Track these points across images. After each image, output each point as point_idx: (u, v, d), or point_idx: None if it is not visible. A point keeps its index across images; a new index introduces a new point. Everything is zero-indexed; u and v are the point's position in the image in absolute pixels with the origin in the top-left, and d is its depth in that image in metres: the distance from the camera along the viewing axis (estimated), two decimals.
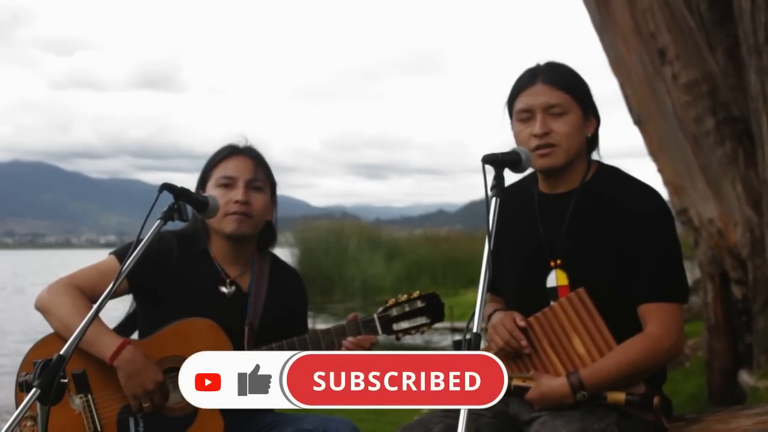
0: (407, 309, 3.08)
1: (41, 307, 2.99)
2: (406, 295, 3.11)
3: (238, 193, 3.10)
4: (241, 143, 3.23)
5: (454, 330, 19.92)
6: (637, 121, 7.38)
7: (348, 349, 3.00)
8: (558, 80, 2.83)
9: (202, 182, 3.20)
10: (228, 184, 3.13)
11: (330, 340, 3.02)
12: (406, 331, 3.08)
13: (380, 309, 3.08)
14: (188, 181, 2.80)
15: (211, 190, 3.13)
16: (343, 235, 31.14)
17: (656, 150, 7.34)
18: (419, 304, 3.09)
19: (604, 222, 2.80)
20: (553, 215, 2.88)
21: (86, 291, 2.98)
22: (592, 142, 2.91)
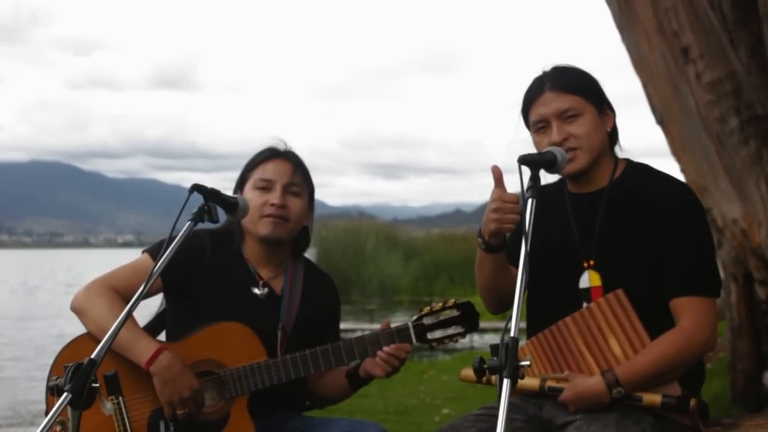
0: (441, 318, 3.04)
1: (77, 309, 2.98)
2: (440, 303, 3.07)
3: (275, 197, 3.09)
4: (281, 146, 3.21)
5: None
6: (660, 121, 7.34)
7: (383, 359, 2.98)
8: (565, 84, 2.82)
9: (241, 183, 3.19)
10: (266, 186, 3.12)
11: (364, 348, 3.00)
12: (440, 341, 3.04)
13: (414, 317, 3.04)
14: (205, 181, 2.77)
15: (249, 192, 3.13)
16: (360, 234, 31.17)
17: (679, 150, 7.29)
18: (454, 312, 3.05)
19: (635, 219, 2.79)
20: (585, 215, 2.87)
21: (122, 291, 2.95)
22: (613, 136, 2.91)
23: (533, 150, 2.79)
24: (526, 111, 2.89)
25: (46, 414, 2.85)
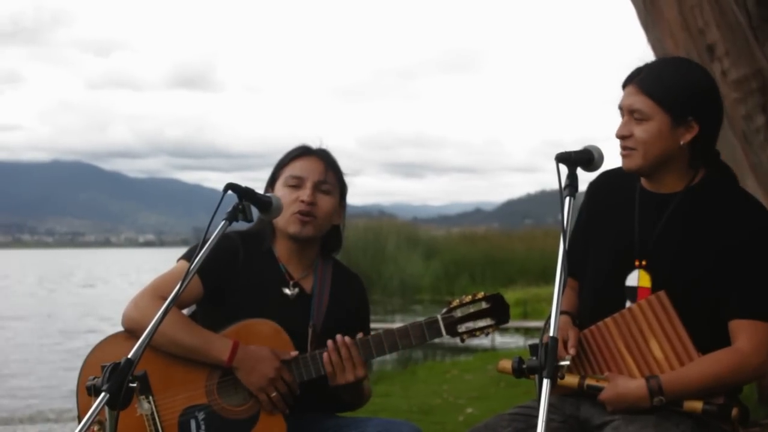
0: (471, 310, 3.04)
1: (131, 326, 2.91)
2: (470, 296, 3.07)
3: (304, 194, 3.08)
4: (314, 144, 3.21)
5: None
6: None
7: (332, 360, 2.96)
8: (648, 85, 2.74)
9: (272, 180, 3.19)
10: (296, 184, 3.11)
11: (393, 341, 2.99)
12: (471, 333, 3.04)
13: (444, 310, 3.04)
14: (226, 180, 2.76)
15: (280, 189, 3.12)
16: (381, 233, 31.23)
17: None
18: (484, 305, 3.05)
19: (702, 231, 2.73)
20: (651, 214, 2.82)
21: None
22: (695, 148, 2.77)
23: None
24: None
25: (78, 414, 2.86)
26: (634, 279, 2.80)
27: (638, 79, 2.76)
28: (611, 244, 2.86)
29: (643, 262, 2.79)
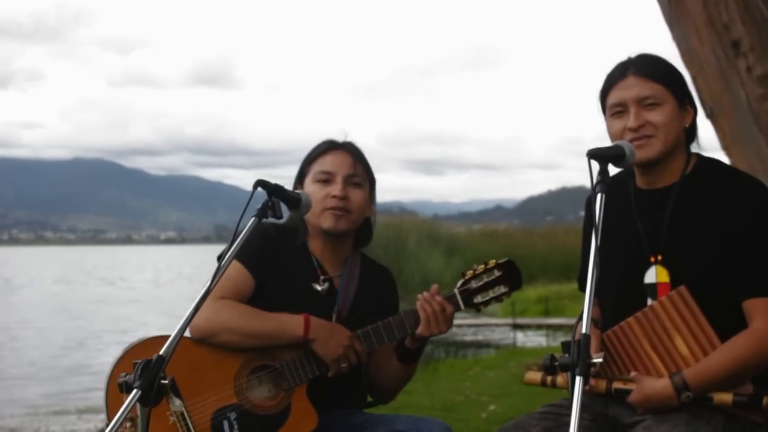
0: (486, 279, 3.08)
1: (205, 332, 2.91)
2: (482, 266, 3.10)
3: (336, 188, 3.08)
4: (341, 138, 3.21)
5: (516, 326, 19.86)
6: (710, 115, 7.25)
7: (421, 304, 3.00)
8: (650, 71, 2.77)
9: (300, 177, 3.19)
10: (326, 179, 3.11)
11: (414, 320, 3.01)
12: (487, 303, 3.09)
13: (459, 283, 3.08)
14: (246, 177, 2.76)
15: (309, 186, 3.13)
16: (401, 230, 31.26)
17: (729, 144, 7.21)
18: (496, 273, 3.08)
19: (707, 216, 2.72)
20: (652, 210, 2.82)
21: (230, 297, 2.96)
22: (691, 133, 2.85)
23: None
24: (604, 94, 2.85)
25: (107, 409, 2.87)
26: (652, 276, 2.79)
27: (635, 70, 2.78)
28: (621, 247, 2.84)
29: (659, 257, 2.77)
